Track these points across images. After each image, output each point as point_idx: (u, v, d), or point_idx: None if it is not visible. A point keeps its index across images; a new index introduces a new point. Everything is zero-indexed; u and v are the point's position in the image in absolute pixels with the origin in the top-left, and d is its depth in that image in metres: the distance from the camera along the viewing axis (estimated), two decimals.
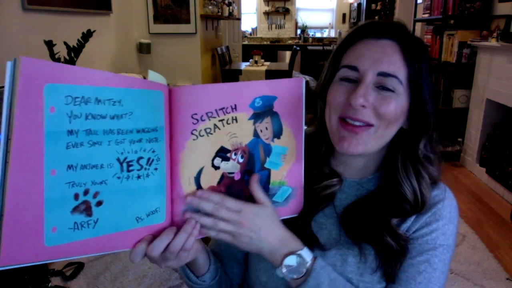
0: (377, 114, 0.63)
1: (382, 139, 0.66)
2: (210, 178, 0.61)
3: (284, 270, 0.62)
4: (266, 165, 0.65)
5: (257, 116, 0.63)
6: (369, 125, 0.64)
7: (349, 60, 0.66)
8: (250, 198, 0.64)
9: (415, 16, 4.55)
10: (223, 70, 5.38)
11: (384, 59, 0.63)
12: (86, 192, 0.50)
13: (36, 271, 1.72)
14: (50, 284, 1.74)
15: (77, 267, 2.08)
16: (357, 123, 0.64)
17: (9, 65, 0.43)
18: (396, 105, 0.64)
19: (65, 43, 2.12)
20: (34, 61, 0.44)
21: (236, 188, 0.63)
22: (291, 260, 0.62)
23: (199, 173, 0.60)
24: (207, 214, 0.59)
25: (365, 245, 0.67)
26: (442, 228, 0.67)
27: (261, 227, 0.61)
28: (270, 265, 0.69)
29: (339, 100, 0.65)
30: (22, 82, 0.43)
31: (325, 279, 0.62)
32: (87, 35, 2.15)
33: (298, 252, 0.63)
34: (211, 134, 0.60)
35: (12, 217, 0.45)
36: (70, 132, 0.48)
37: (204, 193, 0.59)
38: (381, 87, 0.63)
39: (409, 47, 0.64)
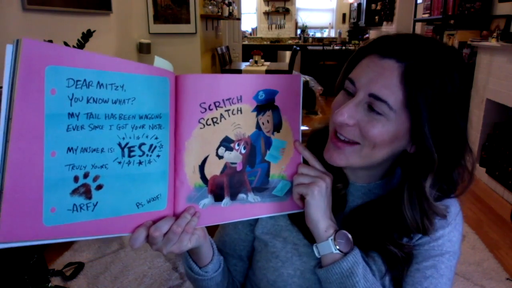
0: (362, 134, 0.62)
1: (368, 159, 0.64)
2: (214, 167, 0.61)
3: (336, 242, 0.64)
4: (266, 158, 0.65)
5: (259, 109, 0.63)
6: (355, 143, 0.63)
7: (352, 73, 0.64)
8: (250, 191, 0.65)
9: (415, 16, 4.56)
10: (223, 70, 5.38)
11: (379, 80, 0.59)
12: (86, 175, 0.50)
13: (36, 271, 1.72)
14: (50, 284, 1.74)
15: (77, 267, 2.08)
16: (342, 138, 0.64)
17: (9, 47, 0.43)
18: (383, 129, 0.60)
19: (65, 43, 2.11)
20: (35, 43, 0.45)
21: (237, 179, 0.64)
22: (342, 235, 0.64)
23: (204, 162, 0.60)
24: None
25: (372, 251, 0.67)
26: (448, 235, 0.66)
27: (329, 197, 0.66)
28: (280, 265, 0.70)
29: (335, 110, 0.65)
30: (23, 63, 0.44)
31: (361, 261, 0.63)
32: (87, 35, 2.15)
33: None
34: (217, 123, 0.60)
35: (11, 194, 0.45)
36: (71, 115, 0.48)
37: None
38: (371, 108, 0.61)
39: (415, 70, 0.57)
